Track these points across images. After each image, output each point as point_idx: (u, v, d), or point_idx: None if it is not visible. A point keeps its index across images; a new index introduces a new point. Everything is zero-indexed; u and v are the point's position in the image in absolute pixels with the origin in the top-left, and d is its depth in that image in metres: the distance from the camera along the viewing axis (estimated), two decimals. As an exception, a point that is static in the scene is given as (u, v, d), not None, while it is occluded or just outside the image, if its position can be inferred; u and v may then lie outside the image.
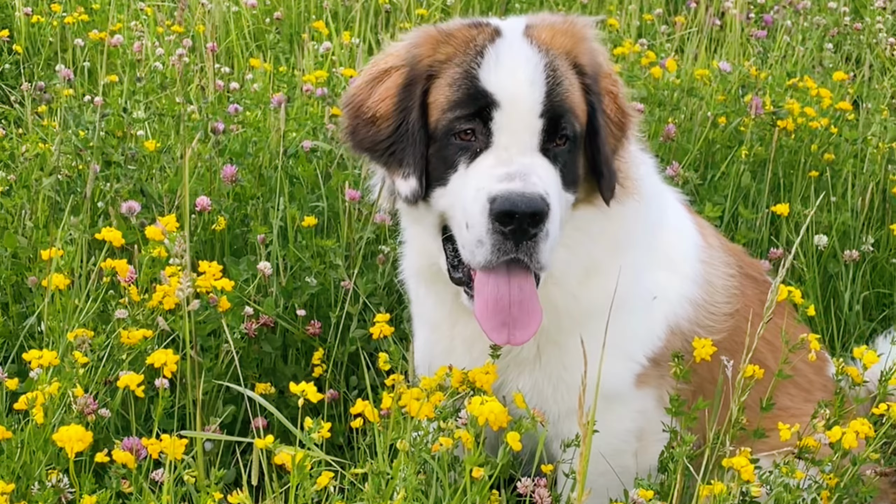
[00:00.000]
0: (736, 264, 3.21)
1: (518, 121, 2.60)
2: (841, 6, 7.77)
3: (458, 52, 2.67)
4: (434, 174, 2.68)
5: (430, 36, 2.74)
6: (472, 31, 2.70)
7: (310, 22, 6.93)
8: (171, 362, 2.76)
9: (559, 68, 2.66)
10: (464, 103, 2.61)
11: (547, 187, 2.55)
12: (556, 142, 2.64)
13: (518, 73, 2.61)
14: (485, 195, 2.53)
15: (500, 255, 2.55)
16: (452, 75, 2.65)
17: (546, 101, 2.60)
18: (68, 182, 4.27)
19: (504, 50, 2.63)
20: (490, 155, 2.60)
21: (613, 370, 2.90)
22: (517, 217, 2.49)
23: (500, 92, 2.59)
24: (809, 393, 3.23)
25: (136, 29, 6.52)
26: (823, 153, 4.89)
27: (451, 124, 2.63)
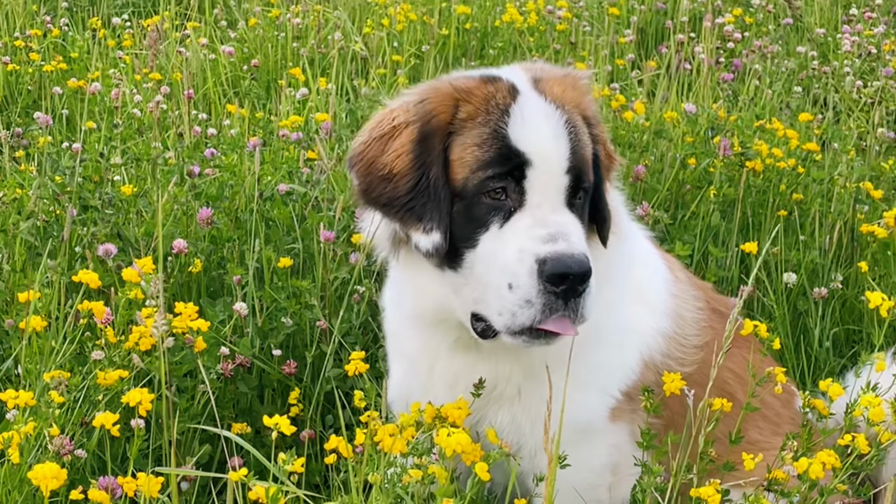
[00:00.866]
0: (704, 298, 3.27)
1: (549, 179, 2.64)
2: (809, 50, 7.93)
3: (480, 111, 2.69)
4: (460, 234, 2.69)
5: (444, 93, 2.74)
6: (489, 88, 2.72)
7: (287, 69, 7.02)
8: (145, 401, 2.79)
9: (576, 123, 2.73)
10: (496, 162, 2.64)
11: (584, 245, 2.63)
12: (577, 196, 2.70)
13: (545, 130, 2.66)
14: (532, 257, 2.57)
15: (551, 313, 2.60)
16: (480, 134, 2.67)
17: (571, 156, 2.66)
18: (45, 226, 4.30)
19: (528, 108, 2.68)
20: (525, 215, 2.63)
21: (589, 404, 2.96)
22: (570, 278, 2.55)
23: (532, 150, 2.64)
24: (778, 426, 3.28)
25: (114, 77, 6.59)
26: (792, 193, 4.98)
27: (483, 183, 2.65)
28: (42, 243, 4.16)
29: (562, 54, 7.49)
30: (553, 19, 8.01)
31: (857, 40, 7.97)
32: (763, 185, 4.99)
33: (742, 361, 3.04)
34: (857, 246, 4.87)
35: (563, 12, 7.99)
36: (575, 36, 7.81)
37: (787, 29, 8.70)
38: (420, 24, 7.71)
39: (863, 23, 8.73)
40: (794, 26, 8.85)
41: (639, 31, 8.57)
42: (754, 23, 8.72)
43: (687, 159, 5.03)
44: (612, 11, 8.33)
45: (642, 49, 8.48)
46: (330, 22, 8.09)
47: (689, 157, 5.05)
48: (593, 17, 8.57)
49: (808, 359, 4.32)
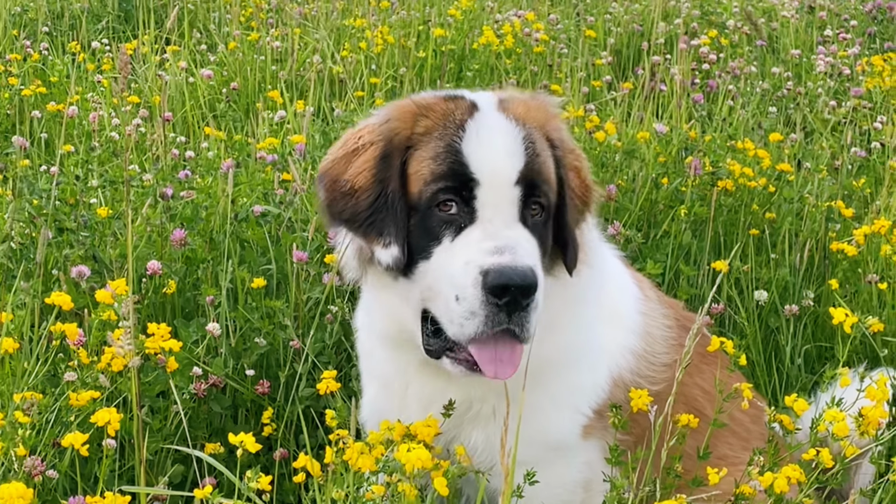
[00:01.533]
0: (674, 316, 3.30)
1: (500, 194, 2.67)
2: (784, 71, 8.02)
3: (438, 126, 2.74)
4: (416, 246, 2.73)
5: (406, 110, 2.80)
6: (449, 105, 2.78)
7: (265, 92, 7.06)
8: (114, 420, 2.80)
9: (535, 141, 2.75)
10: (447, 176, 2.68)
11: (532, 259, 2.64)
12: (531, 210, 2.72)
13: (498, 146, 2.70)
14: (476, 269, 2.59)
15: (493, 325, 2.61)
16: (435, 148, 2.72)
17: (524, 169, 2.69)
18: (21, 249, 4.31)
19: (483, 123, 2.73)
20: (476, 229, 2.66)
21: (561, 422, 2.99)
22: (512, 290, 2.57)
23: (483, 166, 2.67)
24: (748, 442, 3.31)
25: (92, 100, 6.61)
26: (765, 212, 5.04)
27: (434, 196, 2.69)
28: (17, 266, 4.17)
29: (539, 76, 7.55)
30: (530, 42, 8.08)
31: (832, 61, 8.06)
32: (734, 205, 5.04)
33: (712, 378, 3.07)
34: (828, 264, 4.92)
35: (539, 35, 8.05)
36: (552, 58, 7.88)
37: (762, 50, 8.80)
38: (398, 46, 7.76)
39: (837, 44, 8.84)
40: (769, 48, 8.95)
41: (615, 52, 8.66)
42: (729, 44, 8.81)
43: (659, 179, 5.08)
44: (589, 34, 8.41)
45: (619, 71, 8.57)
46: (309, 45, 8.14)
47: (662, 176, 5.10)
48: (570, 40, 8.66)
49: (780, 375, 4.36)
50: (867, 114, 7.14)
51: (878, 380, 2.99)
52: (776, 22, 9.60)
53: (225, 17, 9.13)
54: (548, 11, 9.66)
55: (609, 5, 9.96)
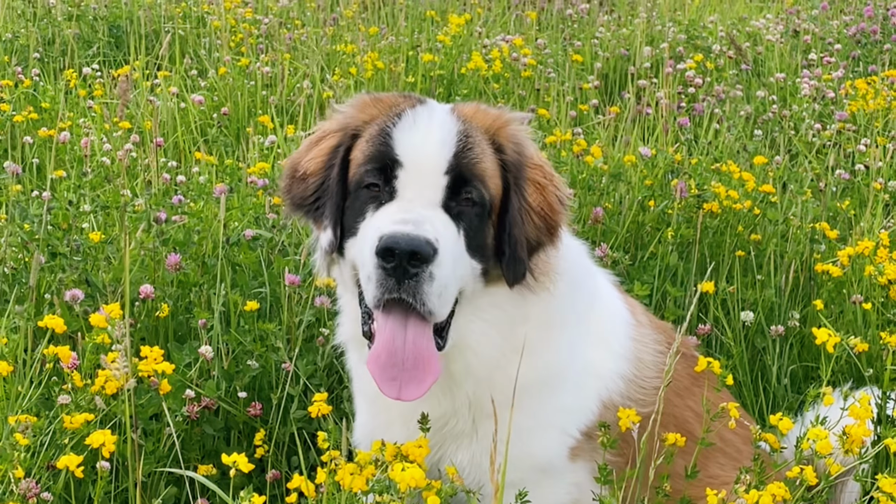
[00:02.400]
0: (665, 341, 3.35)
1: (421, 177, 2.75)
2: (769, 95, 8.10)
3: (382, 114, 2.86)
4: (347, 225, 2.85)
5: (361, 101, 2.94)
6: (398, 98, 2.92)
7: (256, 116, 7.12)
8: (108, 443, 2.83)
9: (472, 136, 2.82)
10: (374, 157, 2.78)
11: (438, 236, 2.67)
12: (460, 201, 2.77)
13: (428, 133, 2.78)
14: (377, 234, 2.66)
15: (384, 291, 2.66)
16: (371, 132, 2.83)
17: (453, 161, 2.75)
18: (14, 273, 4.34)
19: (422, 114, 2.83)
20: (394, 204, 2.75)
21: (548, 444, 3.03)
22: (397, 254, 2.61)
23: (407, 150, 2.76)
24: (739, 462, 3.34)
25: (84, 126, 6.66)
26: (750, 234, 5.10)
27: (361, 177, 2.80)
28: (10, 290, 4.20)
29: (527, 100, 7.63)
30: (518, 66, 8.16)
31: (817, 84, 8.15)
32: (720, 227, 5.11)
33: (700, 399, 3.12)
34: (813, 285, 4.97)
35: (527, 59, 8.13)
36: (539, 82, 7.96)
37: (747, 74, 8.89)
38: (387, 72, 7.83)
39: (822, 67, 8.94)
40: (754, 71, 9.05)
41: (602, 77, 8.75)
42: (714, 68, 8.91)
43: (646, 201, 5.15)
44: (576, 58, 8.49)
45: (605, 95, 8.65)
46: (299, 71, 8.20)
47: (648, 199, 5.16)
48: (558, 64, 8.74)
49: (767, 395, 4.41)
50: (851, 136, 7.22)
51: (861, 398, 3.05)
52: (761, 46, 9.70)
53: (215, 43, 9.20)
54: (535, 36, 9.76)
55: (596, 30, 10.06)
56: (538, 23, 10.58)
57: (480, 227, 2.82)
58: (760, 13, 11.86)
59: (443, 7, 11.17)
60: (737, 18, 11.31)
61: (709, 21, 10.82)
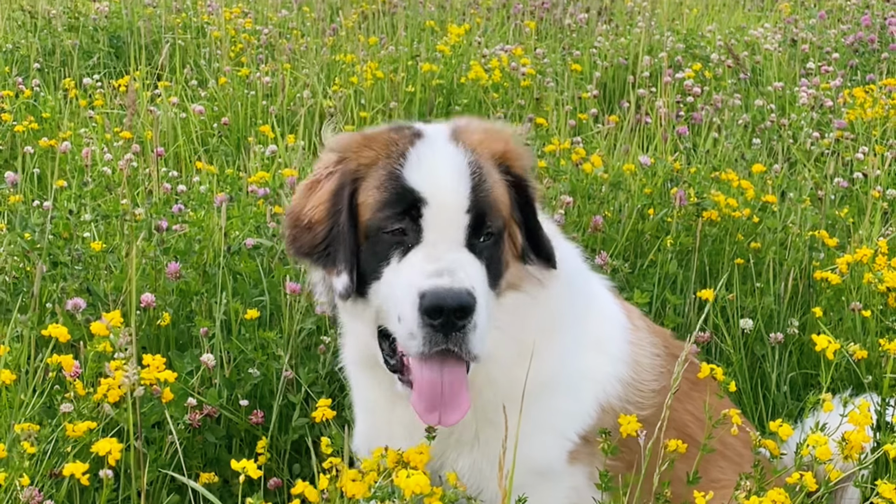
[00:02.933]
0: (662, 345, 3.37)
1: (445, 217, 2.73)
2: (767, 104, 8.13)
3: (381, 155, 2.82)
4: (367, 269, 2.81)
5: (353, 141, 2.90)
6: (392, 135, 2.87)
7: (256, 126, 7.14)
8: (115, 450, 2.85)
9: (483, 166, 2.81)
10: (393, 203, 2.75)
11: (473, 282, 2.68)
12: (481, 237, 2.78)
13: (441, 169, 2.76)
14: (415, 291, 2.65)
15: (432, 346, 2.67)
16: (379, 177, 2.79)
17: (472, 196, 2.74)
18: (15, 283, 4.36)
19: (425, 150, 2.80)
20: (420, 251, 2.72)
21: (546, 448, 3.04)
22: (445, 311, 2.62)
23: (426, 189, 2.73)
24: (740, 466, 3.35)
25: (85, 136, 6.68)
26: (750, 241, 5.12)
27: (381, 223, 2.76)
28: (12, 299, 4.22)
29: (526, 109, 7.65)
30: (517, 76, 8.18)
31: (815, 93, 8.18)
32: (719, 235, 5.12)
33: (701, 404, 3.13)
34: (812, 292, 4.99)
35: (526, 69, 8.16)
36: (539, 92, 7.98)
37: (745, 83, 8.92)
38: (387, 81, 7.86)
39: (820, 76, 8.97)
40: (752, 80, 9.08)
41: (601, 86, 8.77)
42: (713, 77, 8.94)
43: (645, 210, 5.17)
44: (575, 68, 8.52)
45: (605, 104, 8.68)
46: (299, 81, 8.23)
47: (648, 207, 5.18)
48: (557, 74, 8.77)
49: (766, 402, 4.42)
50: (850, 145, 7.24)
51: (860, 405, 3.06)
52: (759, 55, 9.74)
53: (215, 53, 9.23)
54: (534, 46, 9.79)
55: (595, 39, 10.10)
56: (537, 32, 10.61)
57: (499, 256, 2.84)
58: (758, 22, 11.90)
59: (442, 17, 11.21)
60: (735, 28, 11.35)
61: (707, 30, 10.86)
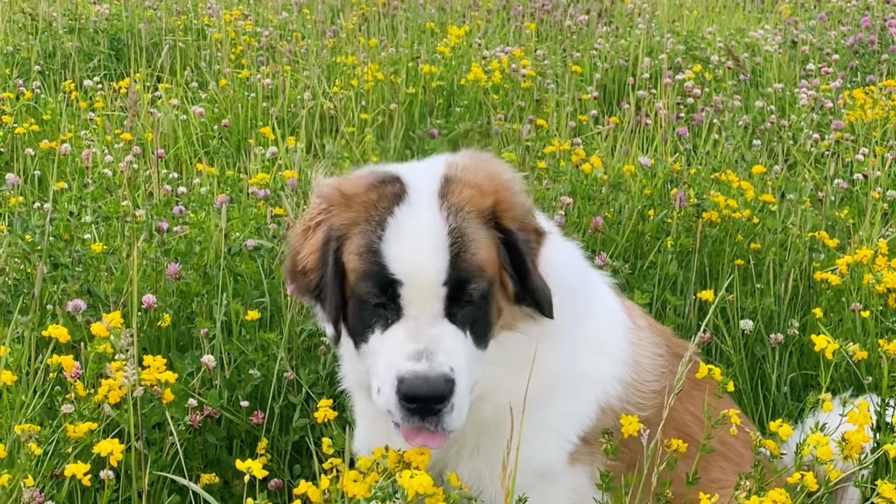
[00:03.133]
0: (664, 344, 3.36)
1: (422, 295, 2.68)
2: (767, 105, 8.14)
3: (361, 219, 2.75)
4: (356, 329, 2.82)
5: (334, 198, 2.84)
6: (370, 195, 2.77)
7: (257, 128, 7.15)
8: (116, 451, 2.85)
9: (467, 230, 2.73)
10: (371, 278, 2.71)
11: (453, 361, 2.66)
12: (463, 304, 2.73)
13: (419, 245, 2.68)
14: (395, 373, 2.65)
15: (409, 423, 2.70)
16: (358, 245, 2.74)
17: (450, 269, 2.68)
18: (16, 284, 4.36)
19: (405, 219, 2.70)
20: (401, 326, 2.70)
21: (547, 449, 3.04)
22: (421, 399, 2.63)
23: (401, 269, 2.67)
24: (740, 466, 3.35)
25: (85, 138, 6.69)
26: (750, 242, 5.12)
27: (364, 295, 2.74)
28: (13, 300, 4.22)
29: (526, 111, 7.66)
30: (517, 77, 8.19)
31: (815, 95, 8.19)
32: (719, 236, 5.13)
33: (702, 404, 3.13)
34: (812, 293, 4.99)
35: (527, 70, 8.16)
36: (539, 93, 7.99)
37: (745, 84, 8.93)
38: (387, 83, 7.86)
39: (820, 77, 8.98)
40: (752, 82, 9.08)
41: (601, 87, 8.78)
42: (713, 79, 8.94)
43: (645, 211, 5.17)
44: (575, 69, 8.53)
45: (605, 105, 8.68)
46: (300, 83, 8.24)
47: (648, 208, 5.19)
48: (557, 75, 8.77)
49: (767, 403, 4.43)
50: (849, 146, 7.24)
51: (860, 405, 3.06)
52: (759, 56, 9.74)
53: (215, 55, 9.23)
54: (535, 48, 9.80)
55: (595, 41, 10.10)
56: (537, 34, 10.62)
57: (485, 316, 2.80)
58: (759, 24, 11.90)
59: (442, 19, 11.21)
60: (735, 29, 11.36)
61: (707, 32, 10.86)
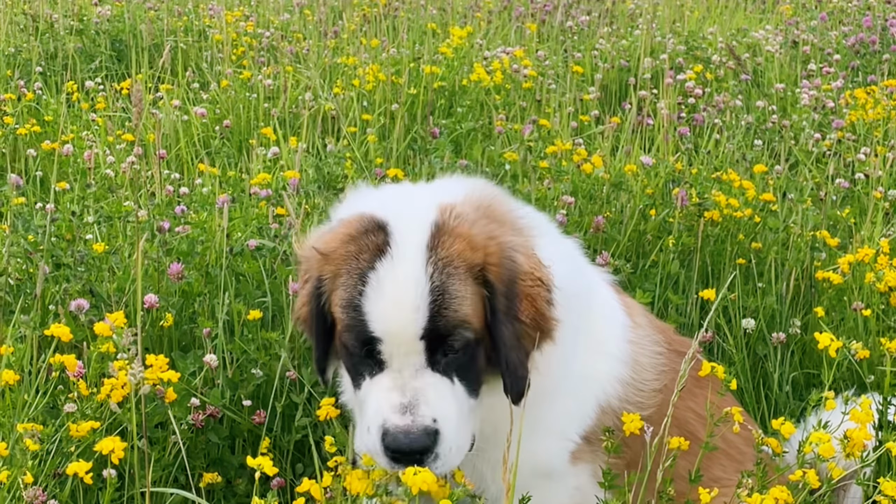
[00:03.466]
0: (664, 341, 3.36)
1: (404, 348, 2.69)
2: (769, 105, 8.14)
3: (342, 271, 2.75)
4: (349, 373, 2.88)
5: (313, 258, 2.85)
6: (349, 248, 2.76)
7: (258, 129, 7.15)
8: (118, 449, 2.86)
9: (451, 286, 2.70)
10: (353, 333, 2.73)
11: (437, 411, 2.69)
12: (446, 353, 2.73)
13: (399, 303, 2.66)
14: (380, 422, 2.68)
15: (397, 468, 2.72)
16: (341, 298, 2.75)
17: (429, 325, 2.67)
18: (18, 284, 4.37)
19: (386, 274, 2.68)
20: (386, 376, 2.72)
21: (549, 449, 3.05)
22: (404, 452, 2.67)
23: (381, 326, 2.67)
24: (741, 464, 3.36)
25: (87, 138, 6.69)
26: (751, 242, 5.12)
27: (349, 347, 2.78)
28: (15, 301, 4.23)
29: (527, 111, 7.66)
30: (519, 78, 8.19)
31: (816, 94, 8.19)
32: (721, 235, 5.13)
33: (704, 402, 3.13)
34: (814, 292, 5.00)
35: (528, 71, 8.17)
36: (540, 93, 7.99)
37: (747, 84, 8.93)
38: (389, 83, 7.87)
39: (821, 77, 8.98)
40: (754, 82, 9.09)
41: (603, 88, 8.78)
42: (714, 79, 8.94)
43: (647, 210, 5.17)
44: (577, 69, 8.53)
45: (606, 105, 8.69)
46: (301, 83, 8.24)
47: (649, 208, 5.19)
48: (558, 75, 8.78)
49: (769, 402, 4.43)
50: (851, 145, 7.25)
51: (862, 402, 3.07)
52: (761, 57, 9.74)
53: (217, 56, 9.24)
54: (536, 48, 9.80)
55: (596, 41, 10.11)
56: (538, 35, 10.62)
57: (472, 363, 2.79)
58: (760, 24, 11.90)
59: (444, 20, 11.22)
60: (736, 30, 11.36)
61: (708, 32, 10.86)
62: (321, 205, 5.06)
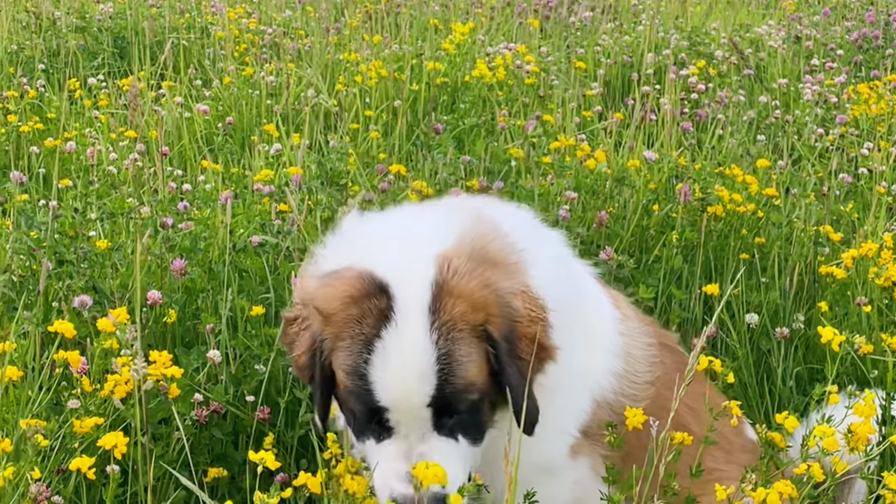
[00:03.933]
0: (653, 333, 3.37)
1: (409, 416, 2.68)
2: (772, 100, 8.13)
3: (345, 335, 2.71)
4: (352, 429, 2.84)
5: (313, 315, 2.79)
6: (351, 311, 2.70)
7: (261, 125, 7.16)
8: (121, 444, 2.86)
9: (456, 354, 2.68)
10: (359, 400, 2.71)
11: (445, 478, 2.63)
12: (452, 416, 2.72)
13: (406, 372, 2.64)
14: (388, 494, 2.68)
15: None
16: (344, 363, 2.71)
17: (436, 393, 2.65)
18: (21, 281, 4.37)
19: (392, 344, 2.65)
20: (392, 443, 2.71)
21: (549, 444, 3.04)
22: None
23: (388, 396, 2.65)
24: (730, 454, 3.36)
25: (90, 135, 6.70)
26: (755, 237, 5.12)
27: (355, 411, 2.75)
28: (18, 296, 4.23)
29: (530, 107, 7.65)
30: (521, 74, 8.19)
31: (819, 90, 8.18)
32: (724, 230, 5.13)
33: (695, 396, 3.13)
34: (817, 287, 4.99)
35: (531, 67, 8.16)
36: (543, 89, 7.99)
37: (750, 80, 8.92)
38: (392, 80, 7.87)
39: (824, 73, 8.97)
40: (757, 77, 9.08)
41: (605, 83, 8.78)
42: (717, 74, 8.94)
43: (650, 205, 5.17)
44: (579, 65, 8.52)
45: (609, 101, 8.68)
46: (303, 80, 8.24)
47: (652, 203, 5.19)
48: (561, 71, 8.77)
49: (773, 397, 4.43)
50: (854, 140, 7.24)
51: (866, 396, 3.07)
52: (763, 52, 9.73)
53: (219, 53, 9.24)
54: (539, 44, 9.80)
55: (599, 37, 10.10)
56: (541, 31, 10.61)
57: (477, 418, 2.78)
58: (763, 20, 11.89)
59: (446, 16, 11.21)
60: (739, 25, 11.34)
61: (711, 28, 10.86)
62: (324, 201, 5.07)
